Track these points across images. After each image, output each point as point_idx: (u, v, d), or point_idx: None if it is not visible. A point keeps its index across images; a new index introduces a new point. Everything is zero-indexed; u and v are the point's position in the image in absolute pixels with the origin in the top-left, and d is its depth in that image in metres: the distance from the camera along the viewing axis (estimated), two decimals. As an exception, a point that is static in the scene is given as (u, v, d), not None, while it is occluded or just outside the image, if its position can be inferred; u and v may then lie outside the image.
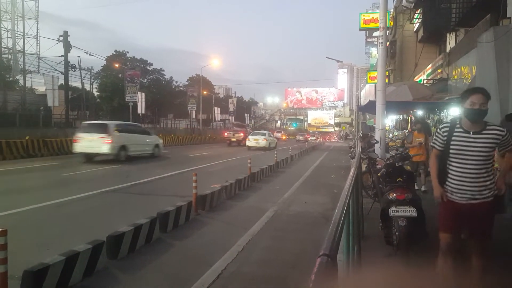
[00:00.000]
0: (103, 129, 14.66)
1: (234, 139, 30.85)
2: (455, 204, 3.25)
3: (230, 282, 3.95)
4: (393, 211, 4.23)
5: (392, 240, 4.35)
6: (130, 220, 5.16)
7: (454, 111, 12.13)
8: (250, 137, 27.30)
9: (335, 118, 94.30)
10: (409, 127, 19.41)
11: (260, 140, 26.30)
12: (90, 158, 14.85)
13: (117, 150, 14.46)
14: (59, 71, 28.92)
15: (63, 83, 27.90)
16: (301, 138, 48.15)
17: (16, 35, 36.17)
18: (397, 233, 4.18)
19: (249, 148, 25.88)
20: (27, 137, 17.79)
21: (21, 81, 37.18)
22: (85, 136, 14.57)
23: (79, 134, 14.92)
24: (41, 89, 37.40)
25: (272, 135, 30.76)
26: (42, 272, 3.44)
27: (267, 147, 26.03)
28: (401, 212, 4.18)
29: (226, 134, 33.78)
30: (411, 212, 4.17)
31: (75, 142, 14.92)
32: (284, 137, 55.91)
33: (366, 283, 0.98)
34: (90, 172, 12.39)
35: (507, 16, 8.26)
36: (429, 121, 14.01)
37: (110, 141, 14.17)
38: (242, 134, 30.74)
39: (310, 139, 47.75)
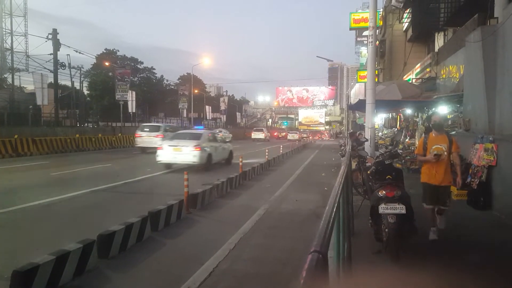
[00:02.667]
0: None
1: (281, 136, 58.41)
2: None
3: (222, 280, 3.96)
4: (382, 208, 4.29)
5: (382, 237, 4.41)
6: (121, 219, 5.14)
7: (442, 110, 12.29)
8: (289, 134, 53.97)
9: (326, 117, 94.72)
10: (398, 125, 19.59)
11: (295, 136, 50.08)
12: None
13: None
14: (48, 69, 28.51)
15: (53, 82, 27.56)
16: (304, 135, 66.91)
17: (4, 32, 35.61)
18: (386, 230, 4.24)
19: (289, 139, 45.87)
20: (15, 136, 17.56)
21: (10, 80, 36.63)
22: None
23: None
24: (30, 87, 36.83)
25: (300, 133, 58.01)
26: (32, 272, 3.41)
27: (299, 139, 44.90)
28: (390, 209, 4.24)
29: (276, 133, 61.72)
30: (400, 209, 4.23)
31: None
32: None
33: (356, 281, 0.99)
34: (80, 171, 12.28)
35: (495, 16, 8.39)
36: (417, 119, 14.10)
37: None
38: (285, 133, 59.86)
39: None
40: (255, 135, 44.78)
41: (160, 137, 18.91)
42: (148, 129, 21.05)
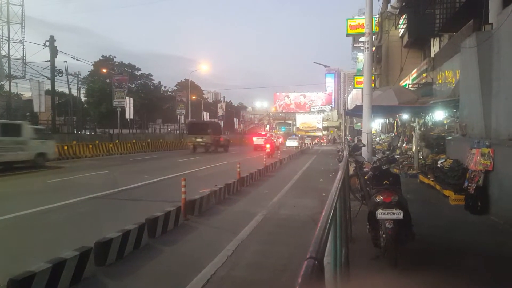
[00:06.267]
0: None
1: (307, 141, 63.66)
2: None
3: (220, 287, 3.95)
4: (380, 214, 4.29)
5: (380, 242, 4.40)
6: (118, 226, 5.12)
7: (439, 115, 12.34)
8: (305, 139, 59.56)
9: (323, 122, 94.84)
10: (395, 131, 19.65)
11: (309, 140, 59.19)
12: None
13: None
14: (45, 76, 28.53)
15: (50, 89, 27.55)
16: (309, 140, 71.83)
17: (1, 40, 35.59)
18: (384, 235, 4.24)
19: (305, 143, 53.18)
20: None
21: (7, 87, 36.55)
22: None
23: None
24: (27, 94, 36.85)
25: (311, 138, 67.04)
26: (28, 280, 3.39)
27: (310, 143, 56.28)
28: (388, 214, 4.24)
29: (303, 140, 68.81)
30: (397, 214, 4.23)
31: None
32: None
33: (354, 287, 0.99)
34: (78, 178, 12.24)
35: (489, 21, 8.46)
36: (414, 124, 14.15)
37: None
38: (302, 140, 65.07)
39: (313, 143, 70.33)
40: None
41: (279, 138, 45.45)
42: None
